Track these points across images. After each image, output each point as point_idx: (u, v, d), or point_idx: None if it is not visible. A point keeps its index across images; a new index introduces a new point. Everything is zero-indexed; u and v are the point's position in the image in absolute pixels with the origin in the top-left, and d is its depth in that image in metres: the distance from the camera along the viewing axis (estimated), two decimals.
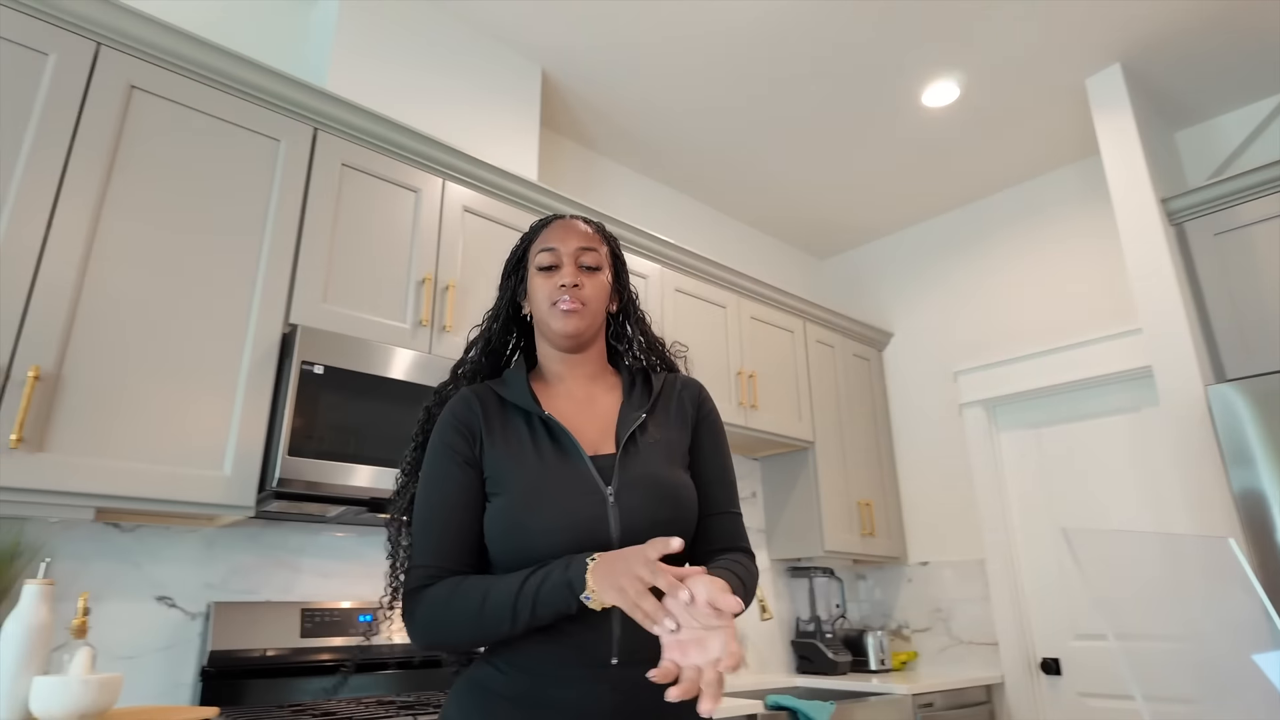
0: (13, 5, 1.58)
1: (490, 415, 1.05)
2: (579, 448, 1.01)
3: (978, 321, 3.55)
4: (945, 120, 3.10)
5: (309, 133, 1.98)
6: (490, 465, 1.01)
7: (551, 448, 1.01)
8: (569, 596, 0.87)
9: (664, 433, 1.08)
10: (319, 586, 2.04)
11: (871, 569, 3.64)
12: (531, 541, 0.94)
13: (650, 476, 1.01)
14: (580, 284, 1.07)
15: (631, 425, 1.05)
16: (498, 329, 1.15)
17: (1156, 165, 2.77)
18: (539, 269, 1.10)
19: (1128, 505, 2.95)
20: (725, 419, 2.86)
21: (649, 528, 0.97)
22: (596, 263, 1.10)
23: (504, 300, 1.15)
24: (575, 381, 1.12)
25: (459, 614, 0.93)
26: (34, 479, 1.42)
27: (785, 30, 2.62)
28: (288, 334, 1.81)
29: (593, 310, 1.09)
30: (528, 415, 1.05)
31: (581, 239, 1.10)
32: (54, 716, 1.27)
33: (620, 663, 0.93)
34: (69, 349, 1.52)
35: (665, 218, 3.52)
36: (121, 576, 1.75)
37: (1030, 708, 3.02)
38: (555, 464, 1.00)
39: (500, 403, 1.07)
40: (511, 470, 1.00)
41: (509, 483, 0.99)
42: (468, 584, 0.95)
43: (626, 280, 1.19)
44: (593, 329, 1.10)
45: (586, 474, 0.99)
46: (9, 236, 1.48)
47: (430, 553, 0.99)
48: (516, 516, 0.96)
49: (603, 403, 1.10)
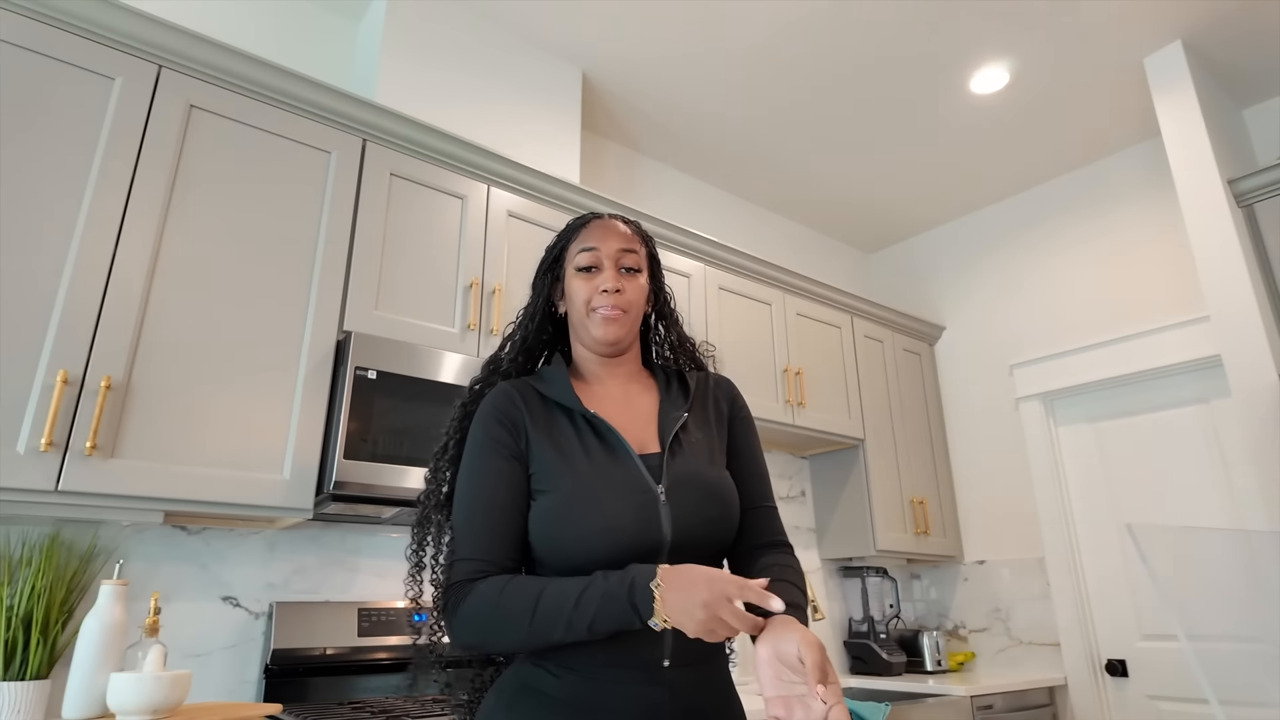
0: (85, 34, 1.66)
1: (533, 409, 1.03)
2: (628, 446, 0.99)
3: (1034, 312, 3.45)
4: (995, 107, 3.02)
5: (359, 144, 2.03)
6: (536, 462, 0.99)
7: (599, 446, 1.00)
8: (631, 618, 0.84)
9: (703, 432, 1.08)
10: (375, 586, 2.09)
11: (926, 568, 3.57)
12: (582, 542, 0.92)
13: (698, 475, 1.01)
14: (621, 289, 1.06)
15: (674, 425, 1.04)
16: (534, 328, 1.13)
17: (1222, 145, 2.65)
18: (578, 269, 1.08)
19: (1197, 501, 2.83)
20: (772, 417, 2.85)
21: (700, 526, 0.97)
22: (636, 264, 1.09)
23: (539, 299, 1.14)
24: (613, 381, 1.11)
25: (508, 616, 0.89)
26: (107, 484, 1.49)
27: (826, 25, 2.58)
28: (341, 341, 1.86)
29: (633, 316, 1.08)
30: (570, 413, 1.03)
31: (622, 240, 1.09)
32: (128, 711, 1.32)
33: (672, 665, 0.92)
34: (137, 359, 1.59)
35: (709, 216, 3.51)
36: (189, 577, 1.82)
37: (1096, 710, 2.92)
38: (604, 463, 0.98)
39: (541, 399, 1.05)
40: (559, 468, 0.97)
41: (557, 481, 0.97)
42: (517, 585, 0.91)
43: (662, 280, 1.18)
44: (632, 333, 1.10)
45: (637, 473, 0.97)
46: (81, 253, 1.55)
47: (476, 546, 0.95)
48: (566, 516, 0.94)
49: (641, 402, 1.10)
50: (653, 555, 0.94)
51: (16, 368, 1.44)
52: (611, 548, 0.92)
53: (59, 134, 1.59)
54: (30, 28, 1.60)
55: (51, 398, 1.45)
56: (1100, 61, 2.77)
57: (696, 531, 0.96)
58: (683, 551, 0.96)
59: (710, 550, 0.99)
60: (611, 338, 1.05)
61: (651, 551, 0.94)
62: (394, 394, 1.82)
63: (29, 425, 1.43)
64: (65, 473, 1.44)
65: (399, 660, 1.96)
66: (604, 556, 0.92)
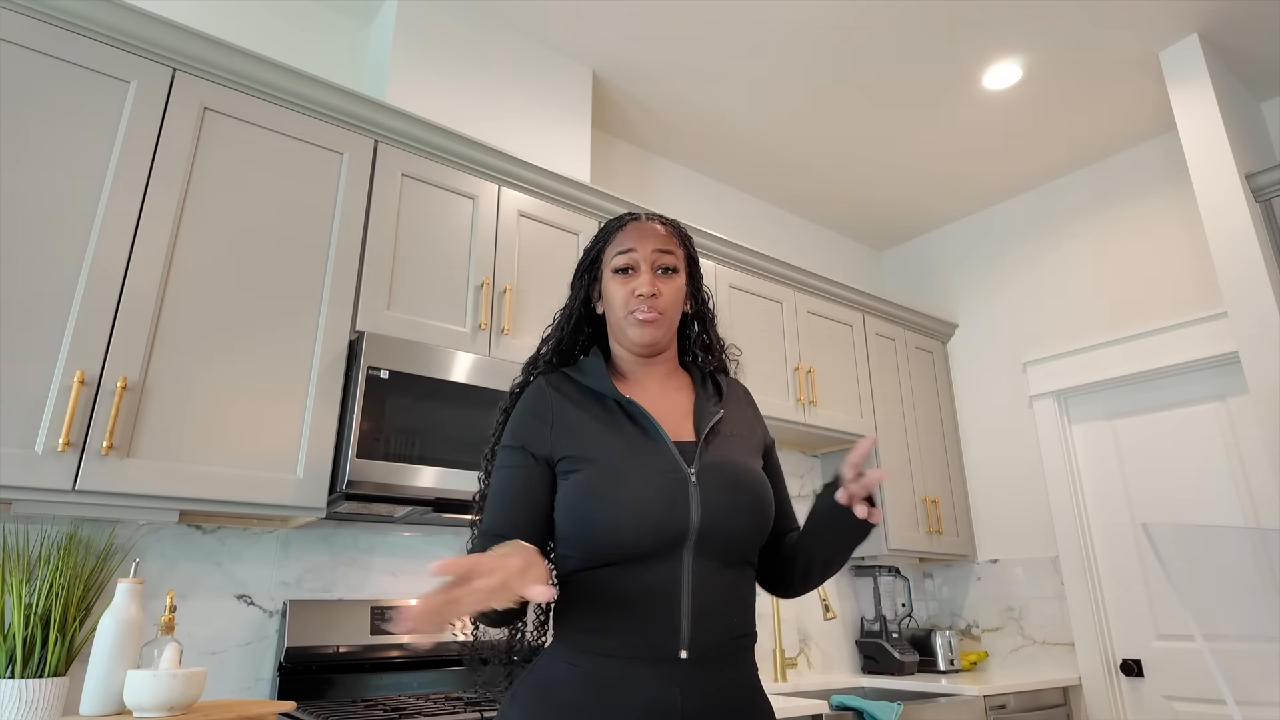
0: (101, 39, 1.68)
1: (567, 397, 1.04)
2: (660, 430, 1.00)
3: (1048, 309, 3.42)
4: (1008, 103, 3.00)
5: (370, 145, 2.04)
6: (567, 445, 1.00)
7: (633, 429, 1.01)
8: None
9: (741, 430, 1.10)
10: (389, 585, 2.10)
11: (939, 567, 3.55)
12: (608, 515, 0.93)
13: (732, 463, 1.02)
14: (657, 292, 1.06)
15: (711, 418, 1.05)
16: (569, 330, 1.14)
17: (1240, 139, 2.62)
18: (615, 270, 1.08)
19: (1214, 500, 2.80)
20: (783, 415, 2.84)
21: (728, 511, 0.97)
22: (674, 264, 1.09)
23: (577, 300, 1.14)
24: (652, 380, 1.12)
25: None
26: (123, 483, 1.50)
27: (837, 22, 2.57)
28: (354, 341, 1.87)
29: (669, 319, 1.08)
30: (604, 399, 1.04)
31: (659, 240, 1.09)
32: (145, 707, 1.34)
33: (689, 658, 0.92)
34: (152, 360, 1.60)
35: (719, 214, 3.51)
36: (204, 576, 1.84)
37: (1111, 710, 2.89)
38: (637, 443, 0.99)
39: (578, 387, 1.07)
40: (591, 447, 0.98)
41: (588, 458, 0.97)
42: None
43: (701, 281, 1.18)
44: (669, 335, 1.10)
45: (669, 454, 0.98)
46: (97, 255, 1.57)
47: (488, 531, 0.99)
48: (594, 490, 0.95)
49: (678, 397, 1.11)
50: (679, 538, 0.94)
51: (35, 368, 1.46)
52: (638, 526, 0.92)
53: (76, 137, 1.61)
54: (47, 32, 1.62)
55: (69, 398, 1.47)
56: (1115, 56, 2.74)
57: (725, 519, 0.96)
58: (710, 538, 0.96)
59: (740, 543, 0.98)
60: (648, 339, 1.06)
61: (678, 534, 0.94)
62: (406, 393, 1.83)
63: (47, 425, 1.44)
64: (82, 472, 1.46)
65: (411, 658, 1.97)
66: (630, 535, 0.92)
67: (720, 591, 0.95)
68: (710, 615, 0.93)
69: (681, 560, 0.94)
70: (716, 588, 0.95)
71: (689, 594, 0.93)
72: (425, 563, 2.18)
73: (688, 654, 0.91)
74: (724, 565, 0.97)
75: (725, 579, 0.96)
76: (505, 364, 2.02)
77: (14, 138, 1.54)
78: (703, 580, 0.94)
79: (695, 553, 0.95)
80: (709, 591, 0.94)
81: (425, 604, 0.70)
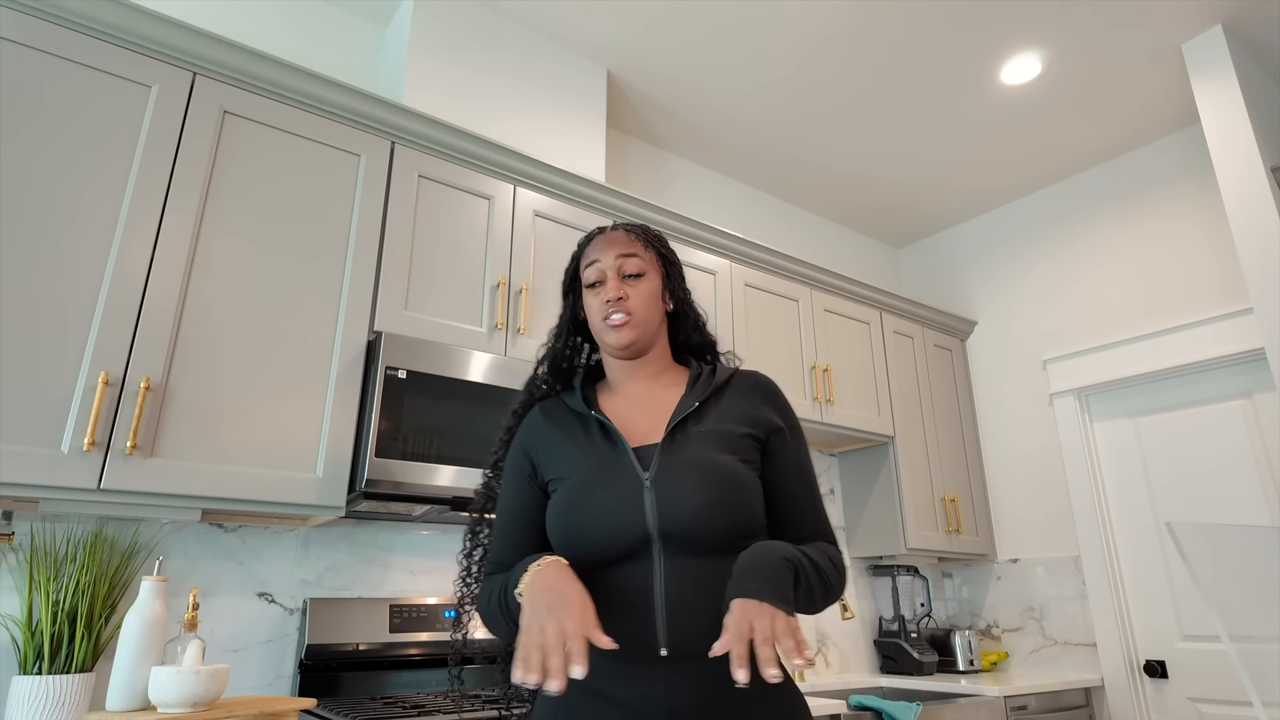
0: (122, 44, 1.70)
1: (554, 425, 1.11)
2: (623, 439, 1.05)
3: (1068, 306, 3.38)
4: (1027, 97, 2.96)
5: (387, 147, 2.05)
6: (553, 469, 1.08)
7: (603, 443, 1.06)
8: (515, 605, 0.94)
9: (724, 423, 1.07)
10: (407, 583, 2.12)
11: (958, 566, 3.52)
12: (578, 531, 0.99)
13: (691, 460, 1.00)
14: (625, 295, 1.09)
15: (683, 413, 1.06)
16: (560, 346, 1.19)
17: (1265, 131, 2.58)
18: (587, 285, 1.13)
19: (1240, 499, 2.76)
20: (800, 415, 2.82)
21: (688, 511, 0.96)
22: (639, 269, 1.12)
23: (565, 317, 1.19)
24: (637, 383, 1.14)
25: (484, 609, 1.05)
26: (147, 483, 1.52)
27: (853, 19, 2.55)
28: (372, 341, 1.89)
29: (641, 318, 1.10)
30: (585, 419, 1.11)
31: (621, 246, 1.12)
32: (169, 704, 1.36)
33: (669, 655, 0.92)
34: (175, 361, 1.62)
35: (734, 212, 3.50)
36: (226, 574, 1.86)
37: (1134, 712, 2.86)
38: (606, 456, 1.04)
39: (567, 411, 1.13)
40: (567, 466, 1.06)
41: (564, 476, 1.06)
42: (489, 581, 1.06)
43: (680, 279, 1.19)
44: (646, 335, 1.12)
45: (628, 463, 1.02)
46: (120, 258, 1.59)
47: (492, 552, 1.11)
48: (567, 508, 1.01)
49: (662, 398, 1.12)
50: (640, 544, 0.96)
51: (60, 370, 1.48)
52: (600, 536, 0.97)
53: (99, 141, 1.63)
54: (71, 39, 1.64)
55: (94, 399, 1.49)
56: (1136, 48, 2.70)
57: (685, 518, 0.95)
58: (674, 539, 0.96)
59: (709, 538, 0.96)
60: (623, 342, 1.09)
61: (638, 539, 0.96)
62: (424, 393, 1.84)
63: (72, 426, 1.47)
64: (107, 472, 1.48)
65: (430, 656, 1.99)
66: (596, 545, 0.97)
67: (698, 588, 0.95)
68: (688, 612, 0.93)
69: (653, 561, 0.96)
70: (693, 585, 0.95)
71: (662, 594, 0.95)
72: (443, 561, 2.19)
73: (668, 651, 0.92)
74: (701, 561, 0.96)
75: (704, 575, 0.95)
76: (521, 363, 2.02)
77: (38, 143, 1.56)
78: (678, 579, 0.95)
79: (666, 554, 0.96)
80: (684, 589, 0.95)
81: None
